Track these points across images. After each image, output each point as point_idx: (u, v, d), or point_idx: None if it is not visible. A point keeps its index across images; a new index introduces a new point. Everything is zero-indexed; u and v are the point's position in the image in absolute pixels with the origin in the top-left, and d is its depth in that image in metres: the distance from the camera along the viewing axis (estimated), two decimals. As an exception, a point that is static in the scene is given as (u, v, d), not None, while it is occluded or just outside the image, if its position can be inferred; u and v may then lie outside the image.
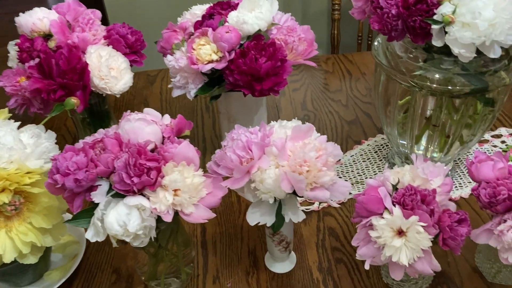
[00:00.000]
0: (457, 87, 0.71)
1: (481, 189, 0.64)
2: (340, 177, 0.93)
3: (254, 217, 0.65)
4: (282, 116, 1.11)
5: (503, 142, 1.00)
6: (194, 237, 0.84)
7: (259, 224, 0.65)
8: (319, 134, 0.66)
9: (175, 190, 0.59)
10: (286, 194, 0.63)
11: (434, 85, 0.73)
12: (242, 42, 0.77)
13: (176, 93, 0.80)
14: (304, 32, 0.83)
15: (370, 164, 0.97)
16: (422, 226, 0.61)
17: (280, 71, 0.75)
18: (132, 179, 0.57)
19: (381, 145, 1.01)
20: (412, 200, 0.62)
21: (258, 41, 0.76)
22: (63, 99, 0.72)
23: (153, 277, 0.73)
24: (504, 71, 0.73)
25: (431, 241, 0.62)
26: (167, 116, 0.66)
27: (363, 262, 0.76)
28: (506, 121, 1.04)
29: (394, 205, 0.63)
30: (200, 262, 0.80)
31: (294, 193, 0.63)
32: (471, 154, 0.97)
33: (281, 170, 0.61)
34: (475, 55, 0.65)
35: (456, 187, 0.90)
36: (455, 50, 0.65)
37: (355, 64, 1.26)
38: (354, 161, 0.98)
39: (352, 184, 0.92)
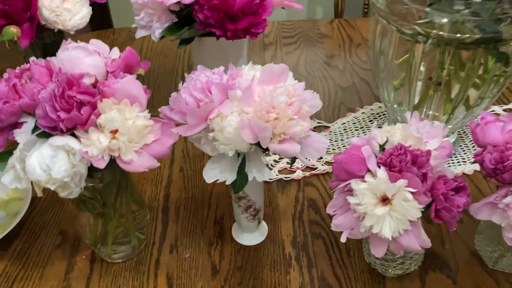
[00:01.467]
0: (466, 35, 0.60)
1: (486, 153, 0.53)
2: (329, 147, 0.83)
3: (212, 174, 0.55)
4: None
5: (516, 117, 0.88)
6: (155, 201, 0.74)
7: (218, 181, 0.54)
8: (296, 81, 0.56)
9: (112, 132, 0.49)
10: (250, 147, 0.53)
11: (442, 32, 0.61)
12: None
13: (139, 33, 0.69)
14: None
15: (363, 133, 0.86)
16: (411, 192, 0.50)
17: (258, 9, 0.64)
18: (58, 113, 0.47)
19: (378, 113, 0.90)
20: (400, 161, 0.51)
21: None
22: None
23: (98, 242, 0.64)
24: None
25: (421, 212, 0.51)
26: (116, 50, 0.56)
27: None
28: (520, 95, 0.93)
29: (379, 167, 0.52)
30: (158, 229, 0.70)
31: (260, 146, 0.53)
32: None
33: (244, 117, 0.51)
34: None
35: (458, 162, 0.79)
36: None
37: (358, 30, 1.15)
38: (345, 129, 0.87)
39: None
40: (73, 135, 0.49)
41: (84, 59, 0.51)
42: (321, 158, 0.81)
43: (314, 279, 0.63)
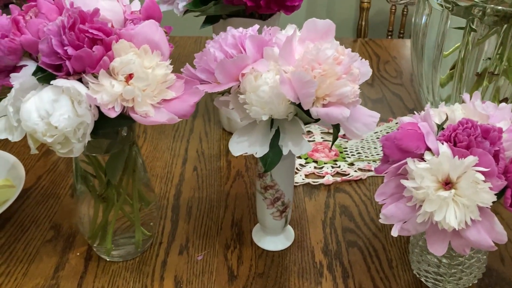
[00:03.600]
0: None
1: None
2: (359, 154, 0.74)
3: (240, 147, 0.46)
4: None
5: None
6: (164, 199, 0.65)
7: (246, 154, 0.46)
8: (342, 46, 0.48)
9: (127, 79, 0.41)
10: (288, 112, 0.44)
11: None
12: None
13: (161, 8, 0.63)
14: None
15: (398, 143, 0.77)
16: (482, 172, 0.41)
17: (295, -18, 0.58)
18: (65, 48, 0.39)
19: (413, 125, 0.82)
20: (469, 134, 0.42)
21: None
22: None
23: (97, 234, 0.54)
24: None
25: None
26: (136, 2, 0.49)
27: (384, 249, 0.57)
28: None
29: (442, 144, 0.44)
30: (166, 229, 0.60)
31: (298, 115, 0.44)
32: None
33: (284, 74, 0.43)
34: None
35: None
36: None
37: (384, 49, 1.09)
38: (378, 137, 0.78)
39: (374, 161, 0.72)
40: (80, 81, 0.41)
41: (99, 1, 0.44)
42: (352, 164, 0.72)
43: (351, 291, 0.52)
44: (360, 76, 0.46)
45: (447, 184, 0.43)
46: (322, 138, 0.78)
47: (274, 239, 0.58)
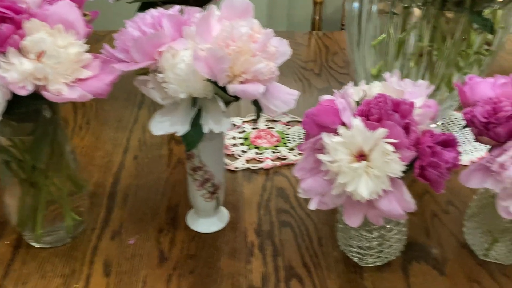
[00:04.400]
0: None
1: (477, 107, 0.46)
2: (301, 140, 0.75)
3: (161, 126, 0.47)
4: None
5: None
6: (101, 187, 0.65)
7: (167, 133, 0.46)
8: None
9: (38, 56, 0.41)
10: (206, 89, 0.45)
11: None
12: None
13: (94, -6, 0.63)
14: None
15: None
16: (391, 143, 0.43)
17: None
18: (-30, 26, 0.39)
19: (355, 112, 0.84)
20: (380, 108, 0.44)
21: None
22: None
23: (26, 220, 0.53)
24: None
25: (404, 171, 0.43)
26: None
27: (316, 228, 0.58)
28: None
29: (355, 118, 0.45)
30: (101, 215, 0.60)
31: (218, 94, 0.45)
32: (458, 121, 0.79)
33: (199, 50, 0.43)
34: None
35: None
36: None
37: (335, 41, 1.11)
38: (319, 124, 0.80)
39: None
40: (-9, 61, 0.41)
41: (14, -19, 0.44)
42: (292, 149, 0.73)
43: (280, 269, 0.53)
44: (278, 54, 0.47)
45: (361, 156, 0.44)
46: (266, 125, 0.79)
47: (207, 221, 0.58)
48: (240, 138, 0.75)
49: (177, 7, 0.48)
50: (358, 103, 0.48)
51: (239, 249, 0.56)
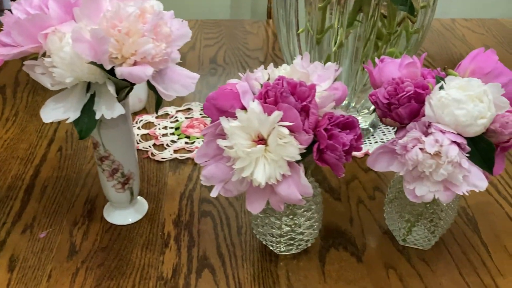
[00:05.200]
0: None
1: (381, 89, 0.45)
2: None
3: (53, 114, 0.44)
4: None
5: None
6: (19, 180, 0.62)
7: (58, 120, 0.44)
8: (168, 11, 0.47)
9: None
10: (94, 75, 0.43)
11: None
12: None
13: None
14: None
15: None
16: (287, 126, 0.41)
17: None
18: None
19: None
20: (276, 91, 0.42)
21: None
22: None
23: None
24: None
25: (303, 155, 0.42)
26: None
27: (237, 217, 0.57)
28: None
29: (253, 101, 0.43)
30: (14, 209, 0.58)
31: (109, 78, 0.43)
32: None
33: (77, 33, 0.41)
34: None
35: (376, 142, 0.71)
36: None
37: (284, 29, 1.10)
38: (256, 112, 0.78)
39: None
40: None
41: None
42: (224, 138, 0.71)
43: (193, 259, 0.51)
44: (175, 36, 0.45)
45: (261, 141, 0.43)
46: (201, 114, 0.77)
47: (123, 213, 0.56)
48: (171, 128, 0.73)
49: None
50: (262, 85, 0.46)
51: (153, 240, 0.54)
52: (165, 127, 0.73)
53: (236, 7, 1.96)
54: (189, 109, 0.78)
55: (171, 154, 0.68)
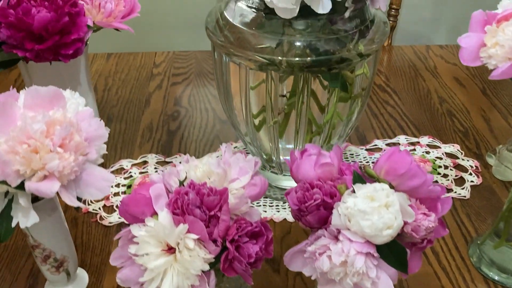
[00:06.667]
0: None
1: (292, 192, 0.45)
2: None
3: (-28, 219, 0.45)
4: (147, 111, 0.92)
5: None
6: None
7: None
8: (85, 106, 0.48)
9: None
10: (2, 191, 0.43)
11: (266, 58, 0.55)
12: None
13: None
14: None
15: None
16: (194, 239, 0.42)
17: (69, 28, 0.57)
18: None
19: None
20: (183, 201, 0.42)
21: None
22: None
23: None
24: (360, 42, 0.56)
25: (213, 264, 0.42)
26: None
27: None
28: (408, 128, 0.87)
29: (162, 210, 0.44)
30: (-42, 283, 0.59)
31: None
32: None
33: (-7, 149, 0.42)
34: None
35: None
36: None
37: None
38: (211, 165, 0.79)
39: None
40: None
41: None
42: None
43: None
44: (90, 140, 0.45)
45: (171, 249, 0.43)
46: (155, 168, 0.77)
47: (61, 291, 0.57)
48: (124, 185, 0.74)
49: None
50: (181, 183, 0.46)
51: (89, 320, 0.55)
52: (118, 185, 0.74)
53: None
54: (145, 162, 0.79)
55: (119, 218, 0.68)
